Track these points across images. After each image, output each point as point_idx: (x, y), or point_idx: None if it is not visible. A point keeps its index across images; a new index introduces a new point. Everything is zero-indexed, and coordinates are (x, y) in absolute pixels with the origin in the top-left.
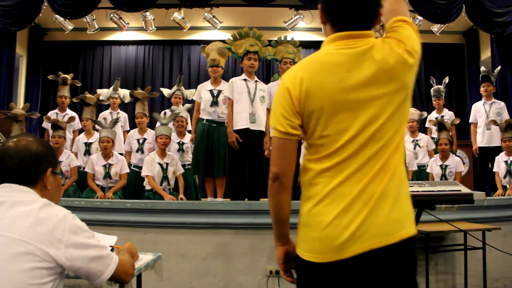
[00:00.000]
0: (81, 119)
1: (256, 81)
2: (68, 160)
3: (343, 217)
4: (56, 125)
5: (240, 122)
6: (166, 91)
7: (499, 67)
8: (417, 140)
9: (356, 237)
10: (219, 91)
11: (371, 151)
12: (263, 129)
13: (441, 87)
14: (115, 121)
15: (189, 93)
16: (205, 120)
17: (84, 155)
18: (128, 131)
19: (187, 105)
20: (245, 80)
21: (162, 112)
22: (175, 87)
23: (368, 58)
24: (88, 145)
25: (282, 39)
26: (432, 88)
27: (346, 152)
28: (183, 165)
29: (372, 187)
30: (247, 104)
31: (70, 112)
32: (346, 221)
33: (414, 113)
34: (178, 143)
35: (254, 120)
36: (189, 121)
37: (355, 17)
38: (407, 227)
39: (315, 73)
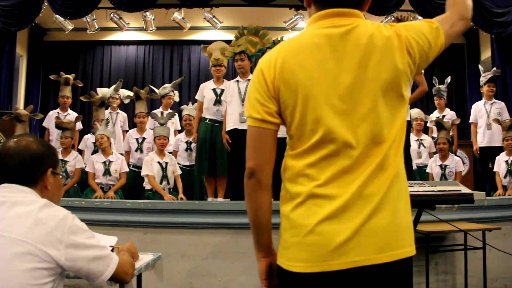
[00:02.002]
0: (92, 120)
1: (248, 79)
2: (74, 160)
3: (332, 222)
4: (62, 126)
5: (230, 123)
6: (157, 90)
7: (494, 68)
8: (421, 140)
9: (348, 249)
10: (222, 90)
11: None
12: None
13: (442, 87)
14: (107, 123)
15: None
16: (208, 120)
17: (92, 154)
18: (127, 131)
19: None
20: (237, 81)
21: (159, 111)
22: (169, 88)
23: (352, 39)
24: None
25: (279, 39)
26: (434, 88)
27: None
28: (191, 165)
29: (369, 190)
30: (237, 105)
31: (71, 112)
32: (336, 228)
33: (420, 112)
34: (186, 142)
35: (244, 120)
36: None
37: None
38: (407, 245)
39: (292, 54)
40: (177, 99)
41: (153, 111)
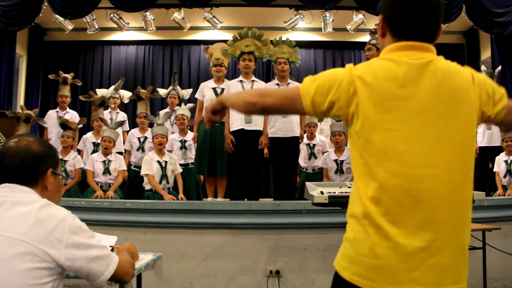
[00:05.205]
0: (90, 119)
1: (253, 80)
2: (74, 160)
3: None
4: (65, 125)
5: (235, 123)
6: (162, 92)
7: (499, 67)
8: None
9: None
10: (223, 89)
11: None
12: (260, 129)
13: None
14: (121, 124)
15: (185, 92)
16: None
17: (92, 154)
18: (127, 132)
19: (189, 105)
20: (241, 81)
21: (163, 112)
22: (170, 87)
23: (428, 74)
24: (96, 145)
25: (278, 39)
26: None
27: None
28: (186, 164)
29: None
30: None
31: (70, 111)
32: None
33: None
34: (180, 141)
35: (249, 120)
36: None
37: (419, 27)
38: (463, 281)
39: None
40: (187, 96)
41: (150, 115)
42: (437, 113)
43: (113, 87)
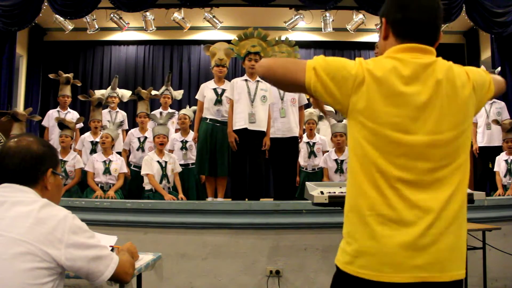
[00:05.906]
0: (88, 120)
1: (257, 81)
2: (73, 160)
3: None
4: (63, 125)
5: (239, 122)
6: (153, 92)
7: (499, 68)
8: None
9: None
10: (223, 90)
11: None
12: (263, 129)
13: None
14: (120, 125)
15: (177, 93)
16: (208, 120)
17: (90, 153)
18: (127, 131)
19: (194, 107)
20: (246, 80)
21: (158, 112)
22: (163, 87)
23: (430, 73)
24: (94, 144)
25: (277, 39)
26: None
27: None
28: (187, 164)
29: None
30: (247, 104)
31: (71, 111)
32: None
33: None
34: (182, 141)
35: (253, 120)
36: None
37: (422, 30)
38: (462, 268)
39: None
40: (179, 97)
41: (152, 112)
42: (438, 109)
43: (110, 87)
